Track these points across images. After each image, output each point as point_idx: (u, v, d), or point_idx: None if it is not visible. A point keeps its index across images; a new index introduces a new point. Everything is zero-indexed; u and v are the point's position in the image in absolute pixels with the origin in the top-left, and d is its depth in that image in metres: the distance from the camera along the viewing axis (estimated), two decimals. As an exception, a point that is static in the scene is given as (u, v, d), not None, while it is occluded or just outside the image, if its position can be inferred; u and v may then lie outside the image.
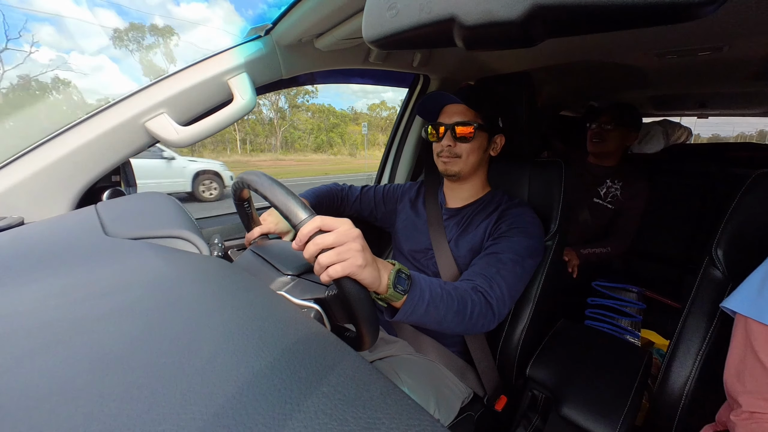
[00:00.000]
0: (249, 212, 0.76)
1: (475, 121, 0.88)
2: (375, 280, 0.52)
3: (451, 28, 0.30)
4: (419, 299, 0.59)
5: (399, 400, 0.25)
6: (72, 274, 0.43)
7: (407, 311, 0.59)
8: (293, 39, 0.89)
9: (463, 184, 0.97)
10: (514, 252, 0.78)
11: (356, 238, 0.50)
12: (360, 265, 0.49)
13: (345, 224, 0.50)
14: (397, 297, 0.56)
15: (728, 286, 0.71)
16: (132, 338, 0.30)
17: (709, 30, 0.96)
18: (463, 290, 0.67)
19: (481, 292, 0.70)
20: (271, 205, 0.51)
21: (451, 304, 0.63)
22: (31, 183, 0.71)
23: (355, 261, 0.48)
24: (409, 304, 0.58)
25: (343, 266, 0.48)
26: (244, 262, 0.71)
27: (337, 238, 0.48)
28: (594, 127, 1.52)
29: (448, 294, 0.63)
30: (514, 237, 0.81)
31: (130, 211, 0.66)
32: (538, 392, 0.90)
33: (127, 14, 65.10)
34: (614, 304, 1.38)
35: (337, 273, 0.48)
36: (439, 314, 0.62)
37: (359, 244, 0.50)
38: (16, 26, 41.68)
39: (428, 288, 0.61)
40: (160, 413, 0.22)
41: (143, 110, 0.78)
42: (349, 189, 1.14)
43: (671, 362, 0.74)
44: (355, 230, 0.51)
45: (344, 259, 0.48)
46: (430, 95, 0.91)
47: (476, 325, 0.68)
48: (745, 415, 0.56)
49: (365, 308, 0.50)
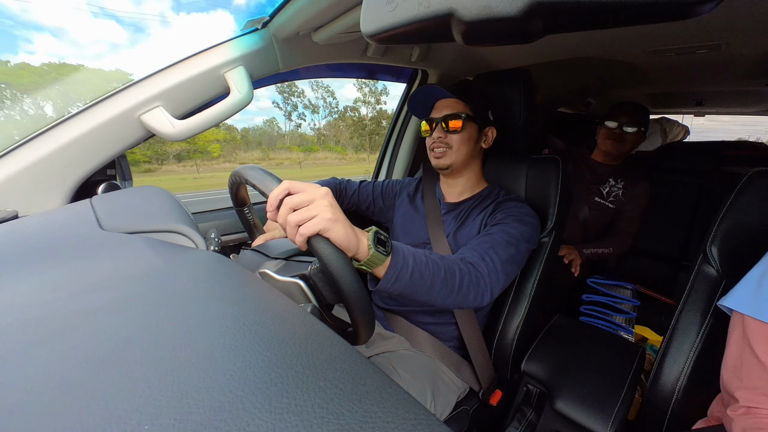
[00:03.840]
0: (250, 218, 0.76)
1: (464, 112, 0.89)
2: (351, 239, 0.50)
3: (449, 23, 0.30)
4: (403, 265, 0.57)
5: (395, 395, 0.25)
6: (67, 269, 0.43)
7: (391, 278, 0.56)
8: (291, 32, 0.88)
9: (458, 178, 0.97)
10: (508, 234, 0.78)
11: (324, 195, 0.49)
12: (329, 218, 0.48)
13: (313, 185, 0.51)
14: (379, 259, 0.54)
15: (722, 284, 0.72)
16: (128, 332, 0.30)
17: (706, 28, 0.96)
18: (450, 260, 0.66)
19: (470, 263, 0.68)
20: (248, 183, 0.53)
21: (438, 272, 0.61)
22: (26, 176, 0.71)
23: (324, 214, 0.47)
24: (393, 270, 0.56)
25: (314, 222, 0.47)
26: (242, 259, 0.71)
27: (306, 197, 0.48)
28: (614, 127, 1.47)
29: (434, 262, 0.62)
30: (510, 223, 0.81)
31: (125, 205, 0.66)
32: (533, 387, 0.91)
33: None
34: (609, 301, 1.40)
35: (309, 230, 0.47)
36: (425, 283, 0.60)
37: (327, 201, 0.49)
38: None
39: (411, 255, 0.59)
40: (156, 407, 0.22)
41: (139, 103, 0.77)
42: (347, 183, 1.14)
43: (664, 357, 0.75)
44: (323, 188, 0.50)
45: (314, 215, 0.47)
46: (419, 90, 0.92)
47: (467, 297, 0.66)
48: (743, 410, 0.57)
49: (346, 276, 0.47)
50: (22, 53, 66.28)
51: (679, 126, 2.03)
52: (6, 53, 59.90)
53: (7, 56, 59.49)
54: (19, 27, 59.13)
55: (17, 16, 53.99)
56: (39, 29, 60.74)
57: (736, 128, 28.52)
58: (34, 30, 59.97)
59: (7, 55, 59.92)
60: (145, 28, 72.45)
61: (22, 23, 58.54)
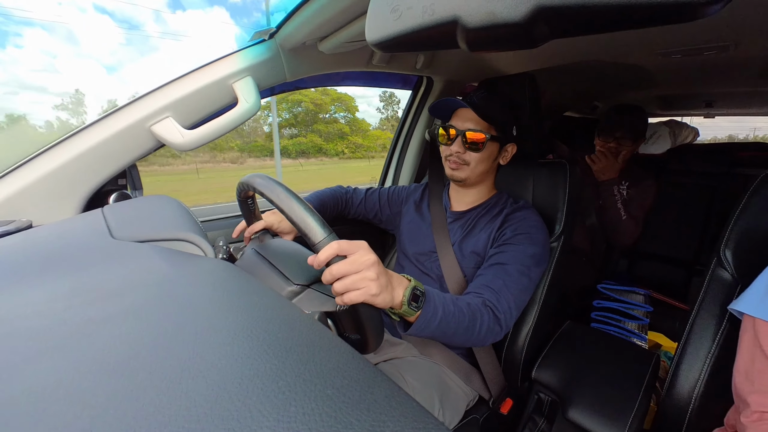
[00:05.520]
0: (252, 209, 0.76)
1: (488, 132, 0.86)
2: (387, 302, 0.54)
3: (454, 30, 0.30)
4: (432, 315, 0.61)
5: (403, 403, 0.25)
6: (79, 277, 0.43)
7: (420, 326, 0.60)
8: (297, 42, 0.90)
9: (470, 189, 0.96)
10: (519, 262, 0.78)
11: (371, 266, 0.51)
12: (373, 294, 0.50)
13: (361, 249, 0.51)
14: (410, 313, 0.58)
15: (737, 288, 0.70)
16: (138, 341, 0.30)
17: (714, 29, 0.95)
18: (475, 307, 0.69)
19: (490, 308, 0.71)
20: (288, 219, 0.51)
21: (462, 321, 0.65)
22: (39, 187, 0.72)
23: (369, 290, 0.50)
24: (423, 320, 0.60)
25: (358, 294, 0.50)
26: (248, 262, 0.70)
27: (353, 267, 0.50)
28: (609, 142, 1.46)
29: (460, 311, 0.65)
30: (519, 245, 0.81)
31: (136, 214, 0.67)
32: (544, 395, 0.89)
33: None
34: (621, 307, 1.37)
35: (351, 300, 0.50)
36: (449, 330, 0.64)
37: (374, 272, 0.51)
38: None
39: (441, 305, 0.62)
40: (165, 415, 0.22)
41: (149, 114, 0.79)
42: (353, 192, 1.14)
43: (680, 365, 0.73)
44: (371, 257, 0.52)
45: (359, 288, 0.50)
46: (445, 100, 0.89)
47: (484, 340, 0.71)
48: (756, 416, 0.55)
49: (374, 325, 0.52)
50: (9, 47, 67.24)
51: (689, 128, 2.00)
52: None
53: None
54: (9, 23, 60.14)
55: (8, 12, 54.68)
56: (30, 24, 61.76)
57: (726, 125, 28.15)
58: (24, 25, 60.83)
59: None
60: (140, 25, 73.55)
61: (12, 20, 59.55)
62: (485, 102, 0.87)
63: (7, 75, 58.55)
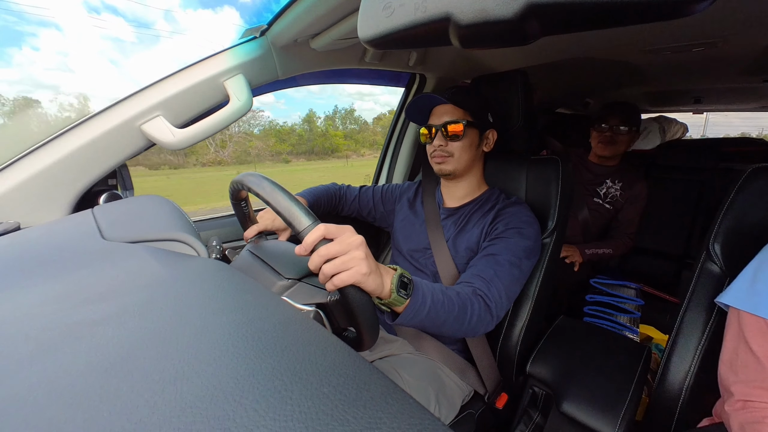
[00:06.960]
0: (246, 211, 0.76)
1: (464, 119, 0.89)
2: (378, 287, 0.53)
3: (446, 27, 0.30)
4: (421, 304, 0.60)
5: (400, 400, 0.25)
6: (69, 279, 0.43)
7: (409, 315, 0.60)
8: (289, 40, 0.89)
9: (459, 182, 0.97)
10: (511, 253, 0.78)
11: (359, 246, 0.50)
12: (364, 273, 0.49)
13: (348, 231, 0.51)
14: (399, 301, 0.57)
15: (726, 281, 0.71)
16: (131, 341, 0.30)
17: (702, 26, 0.97)
18: (465, 296, 0.68)
19: (480, 296, 0.71)
20: (274, 210, 0.51)
21: (452, 310, 0.64)
22: (27, 187, 0.71)
23: (360, 269, 0.49)
24: (411, 309, 0.59)
25: (348, 275, 0.48)
26: (243, 263, 0.70)
27: (341, 248, 0.49)
28: (605, 128, 1.48)
29: (449, 299, 0.64)
30: (510, 238, 0.81)
31: (127, 214, 0.66)
32: (539, 389, 0.90)
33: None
34: (613, 301, 1.39)
35: (342, 282, 0.48)
36: (439, 319, 0.63)
37: (363, 252, 0.50)
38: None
39: (430, 293, 0.62)
40: (160, 417, 0.22)
41: (139, 113, 0.78)
42: (347, 189, 1.14)
43: (671, 357, 0.75)
44: (358, 237, 0.51)
45: (348, 268, 0.49)
46: (417, 98, 0.92)
47: (475, 330, 0.70)
48: (739, 405, 0.57)
49: (368, 314, 0.51)
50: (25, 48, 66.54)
51: (678, 124, 2.03)
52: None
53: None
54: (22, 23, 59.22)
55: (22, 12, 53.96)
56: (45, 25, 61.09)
57: (738, 122, 28.52)
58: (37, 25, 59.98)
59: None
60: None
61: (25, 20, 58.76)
62: (454, 93, 0.92)
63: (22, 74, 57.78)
